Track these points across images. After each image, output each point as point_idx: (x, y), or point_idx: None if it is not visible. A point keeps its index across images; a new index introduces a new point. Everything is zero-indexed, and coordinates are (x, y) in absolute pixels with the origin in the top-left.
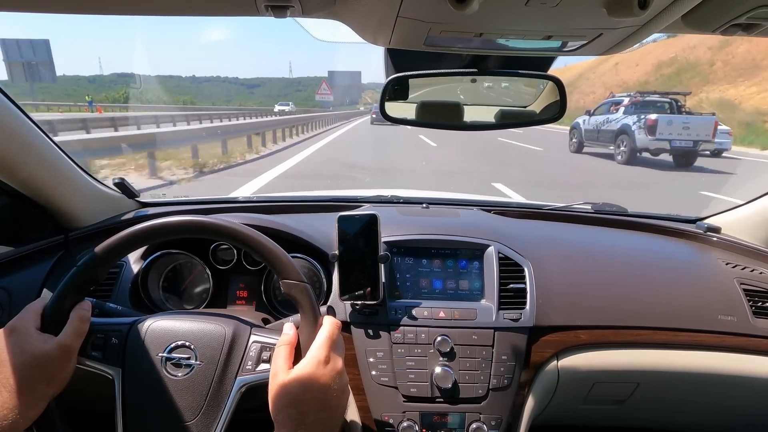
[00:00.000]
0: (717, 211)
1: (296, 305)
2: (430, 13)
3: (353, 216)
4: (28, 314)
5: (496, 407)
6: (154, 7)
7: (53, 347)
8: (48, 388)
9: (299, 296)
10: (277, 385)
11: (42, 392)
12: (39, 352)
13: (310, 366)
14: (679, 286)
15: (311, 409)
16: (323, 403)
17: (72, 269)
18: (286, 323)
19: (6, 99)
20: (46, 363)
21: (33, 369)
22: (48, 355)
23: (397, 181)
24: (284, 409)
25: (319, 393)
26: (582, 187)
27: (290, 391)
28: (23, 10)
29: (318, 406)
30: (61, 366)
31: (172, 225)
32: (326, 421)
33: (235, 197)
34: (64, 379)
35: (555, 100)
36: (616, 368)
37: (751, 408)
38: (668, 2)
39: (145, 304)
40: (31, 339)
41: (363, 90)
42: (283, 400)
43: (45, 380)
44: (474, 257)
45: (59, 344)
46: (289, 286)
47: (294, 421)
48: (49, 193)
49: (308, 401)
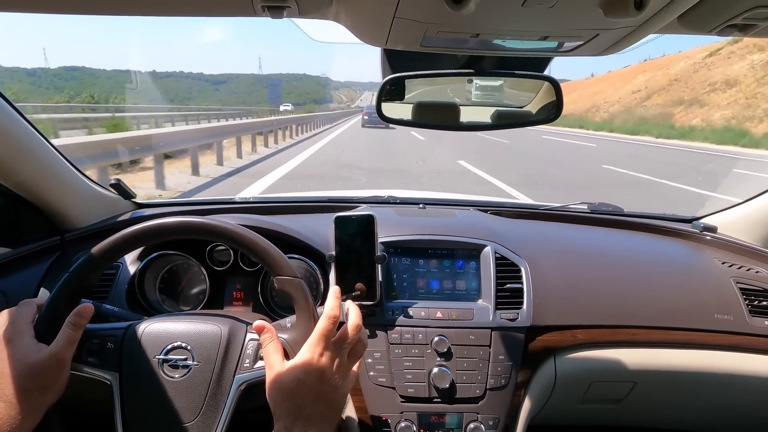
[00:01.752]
0: (713, 211)
1: (291, 301)
2: (426, 13)
3: (350, 216)
4: (22, 324)
5: (493, 407)
6: (150, 8)
7: (45, 357)
8: (43, 398)
9: (293, 291)
10: (272, 379)
11: (38, 402)
12: (32, 362)
13: (304, 360)
14: (676, 286)
15: (307, 402)
16: (319, 396)
17: (63, 276)
18: (255, 323)
19: (2, 100)
20: (39, 373)
21: (27, 379)
22: (41, 365)
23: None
24: (281, 403)
25: (313, 385)
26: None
27: (286, 385)
28: (16, 10)
29: (314, 398)
30: (54, 375)
31: (161, 226)
32: (324, 413)
33: (231, 198)
34: (59, 388)
35: (551, 101)
36: (613, 367)
37: (748, 406)
38: (664, 3)
39: (142, 305)
40: (24, 349)
41: (339, 89)
42: (279, 395)
43: (40, 390)
44: (471, 257)
45: (50, 354)
46: (282, 282)
47: (291, 414)
48: (45, 194)
49: (304, 394)
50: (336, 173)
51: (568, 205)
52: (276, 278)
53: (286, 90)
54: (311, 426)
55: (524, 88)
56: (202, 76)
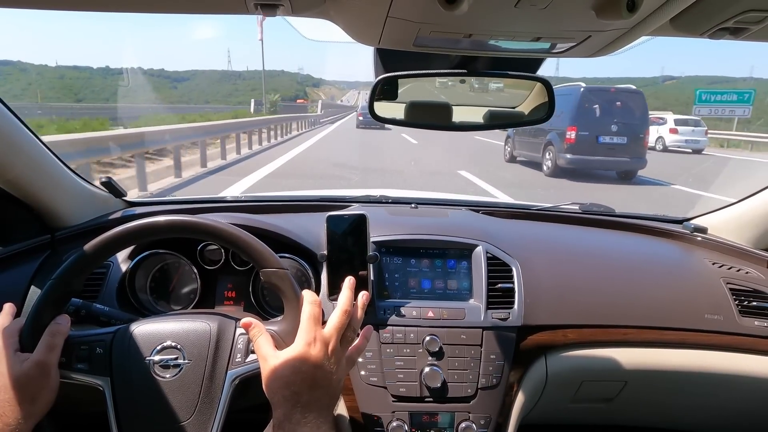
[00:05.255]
0: (704, 212)
1: (278, 293)
2: (419, 13)
3: (342, 216)
4: (6, 335)
5: (485, 406)
6: (144, 5)
7: (29, 366)
8: (33, 408)
9: (280, 283)
10: (268, 369)
11: (27, 412)
12: (17, 372)
13: (298, 348)
14: (666, 286)
15: (304, 389)
16: (315, 382)
17: (48, 282)
18: (241, 320)
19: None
20: (25, 383)
21: (14, 390)
22: (26, 374)
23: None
24: (278, 391)
25: (309, 372)
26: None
27: (281, 374)
28: (10, 6)
29: (310, 386)
30: (41, 383)
31: (149, 225)
32: (321, 399)
33: (223, 197)
34: (48, 397)
35: (543, 102)
36: (603, 367)
37: (737, 405)
38: (657, 5)
39: (133, 304)
40: (8, 360)
41: (319, 85)
42: (275, 383)
43: (28, 400)
44: (462, 257)
45: (33, 362)
46: (268, 275)
47: (289, 401)
48: (35, 192)
49: (300, 382)
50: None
51: (560, 206)
52: (262, 271)
53: (252, 87)
54: (310, 412)
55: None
56: (162, 73)
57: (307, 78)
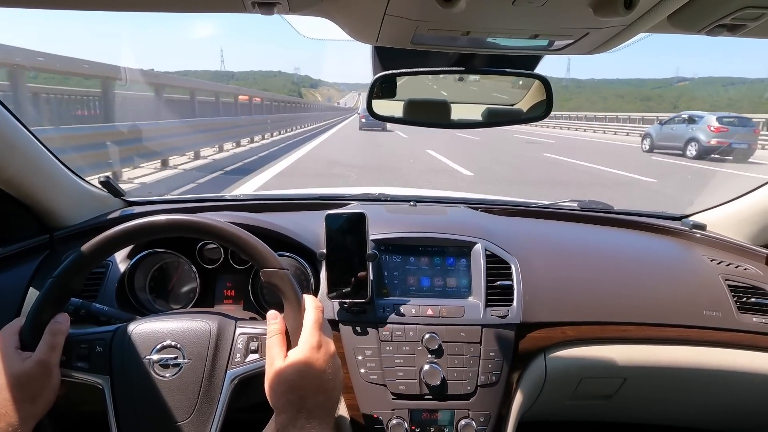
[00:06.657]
0: (702, 209)
1: (278, 293)
2: (417, 11)
3: (341, 214)
4: (6, 334)
5: (484, 403)
6: (142, 4)
7: (31, 365)
8: (33, 407)
9: (280, 283)
10: (274, 372)
11: (28, 412)
12: (18, 371)
13: (304, 352)
14: (665, 283)
15: (309, 393)
16: (320, 387)
17: (47, 282)
18: (269, 311)
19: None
20: (26, 382)
21: (14, 390)
22: (27, 373)
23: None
24: (283, 396)
25: (315, 377)
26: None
27: (288, 378)
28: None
29: (316, 390)
30: (42, 383)
31: (144, 225)
32: (325, 404)
33: (222, 196)
34: (49, 396)
35: (542, 99)
36: (603, 364)
37: (735, 402)
38: (654, 2)
39: (132, 304)
40: (8, 360)
41: (318, 86)
42: (281, 387)
43: (29, 399)
44: (461, 255)
45: (35, 361)
46: (269, 275)
47: (294, 406)
48: (34, 192)
49: (306, 386)
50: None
51: (559, 203)
52: (262, 271)
53: (248, 86)
54: (314, 418)
55: (519, 85)
56: (152, 74)
57: (305, 79)
